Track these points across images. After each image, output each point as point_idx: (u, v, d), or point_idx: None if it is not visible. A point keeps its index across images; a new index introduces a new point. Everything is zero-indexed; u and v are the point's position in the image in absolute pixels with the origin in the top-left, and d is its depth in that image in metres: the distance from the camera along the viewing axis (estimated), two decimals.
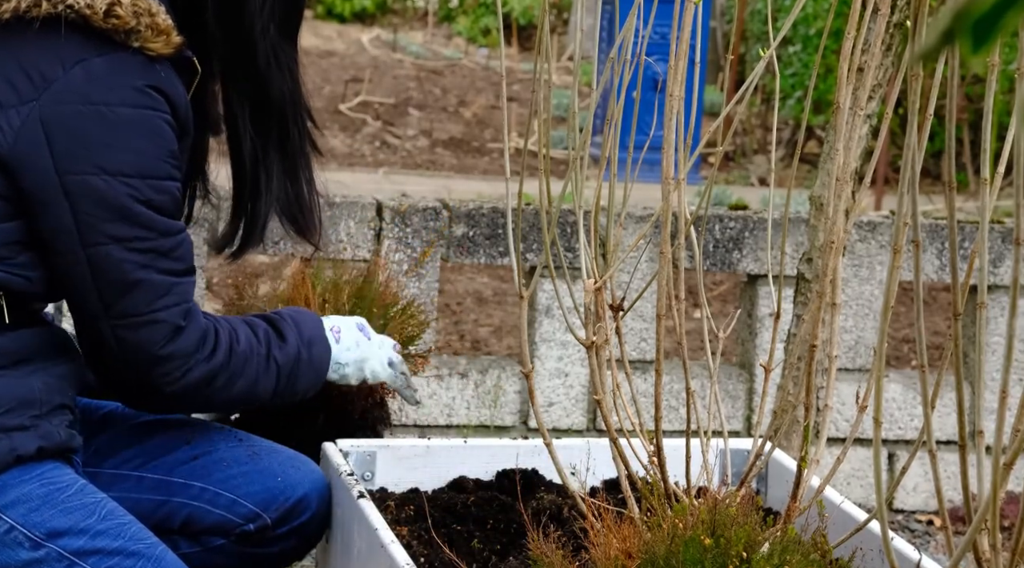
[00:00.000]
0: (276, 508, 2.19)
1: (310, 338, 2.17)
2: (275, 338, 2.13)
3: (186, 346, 1.99)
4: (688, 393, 1.94)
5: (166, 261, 1.95)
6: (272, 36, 2.05)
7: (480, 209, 3.70)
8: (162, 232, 1.94)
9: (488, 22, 13.97)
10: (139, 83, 1.90)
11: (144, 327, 1.95)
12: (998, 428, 1.41)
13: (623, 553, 1.73)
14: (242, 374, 2.07)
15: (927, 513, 3.98)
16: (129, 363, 1.98)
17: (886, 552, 1.46)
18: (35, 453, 1.95)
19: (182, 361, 1.99)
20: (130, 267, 1.92)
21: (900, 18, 2.72)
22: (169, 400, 2.04)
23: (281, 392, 2.14)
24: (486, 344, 5.03)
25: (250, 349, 2.08)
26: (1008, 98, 7.82)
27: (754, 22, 10.02)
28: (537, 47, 1.84)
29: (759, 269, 3.79)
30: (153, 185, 1.92)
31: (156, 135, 1.92)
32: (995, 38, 0.66)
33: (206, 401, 2.09)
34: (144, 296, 1.94)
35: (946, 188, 1.36)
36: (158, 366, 1.98)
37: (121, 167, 1.89)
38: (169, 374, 1.99)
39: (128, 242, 1.92)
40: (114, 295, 1.93)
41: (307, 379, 2.17)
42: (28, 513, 1.93)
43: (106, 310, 1.95)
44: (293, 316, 2.19)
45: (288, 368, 2.13)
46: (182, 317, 1.98)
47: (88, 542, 1.93)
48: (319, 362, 2.19)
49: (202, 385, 2.02)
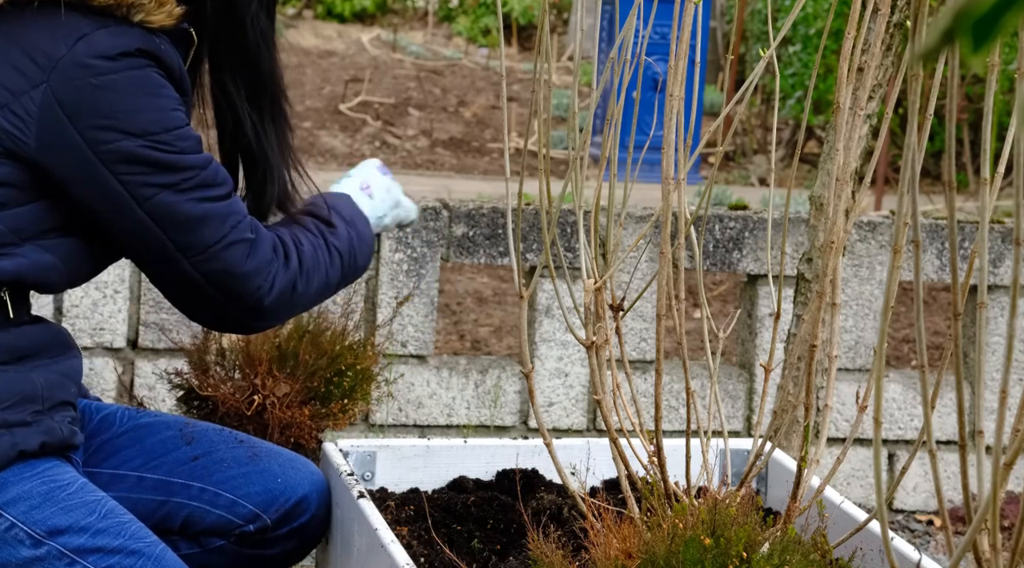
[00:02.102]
0: (276, 509, 2.19)
1: (351, 216, 2.26)
2: (324, 227, 2.21)
3: (265, 256, 2.06)
4: (688, 393, 1.94)
5: (215, 189, 2.01)
6: (260, 15, 2.11)
7: (480, 209, 3.70)
8: (201, 166, 2.00)
9: (488, 22, 13.97)
10: (135, 48, 1.95)
11: (223, 252, 2.02)
12: (998, 428, 1.41)
13: (623, 553, 1.73)
14: (315, 271, 2.15)
15: (927, 513, 3.98)
16: (224, 291, 2.04)
17: (886, 552, 1.46)
18: (38, 449, 1.96)
19: (267, 271, 2.06)
20: (190, 205, 1.99)
21: (900, 18, 2.72)
22: (270, 312, 2.10)
23: (347, 275, 2.23)
24: (486, 344, 5.03)
25: (313, 248, 2.16)
26: (1008, 98, 7.82)
27: (754, 22, 10.01)
28: (537, 47, 1.84)
29: (759, 269, 3.79)
30: (178, 134, 1.97)
31: (162, 88, 1.97)
32: (995, 38, 0.66)
33: (295, 304, 2.15)
34: (213, 225, 2.01)
35: (946, 188, 1.36)
36: (249, 282, 2.04)
37: (146, 127, 1.95)
38: (261, 286, 2.06)
39: (177, 185, 1.98)
40: (185, 235, 2.00)
41: (364, 254, 2.27)
42: (29, 511, 1.93)
43: (183, 252, 2.00)
44: (328, 202, 2.25)
45: (347, 251, 2.22)
46: (250, 230, 2.05)
47: (89, 540, 1.93)
48: (366, 235, 2.28)
49: (289, 290, 2.10)
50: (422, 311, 3.66)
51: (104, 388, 3.52)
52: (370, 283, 3.67)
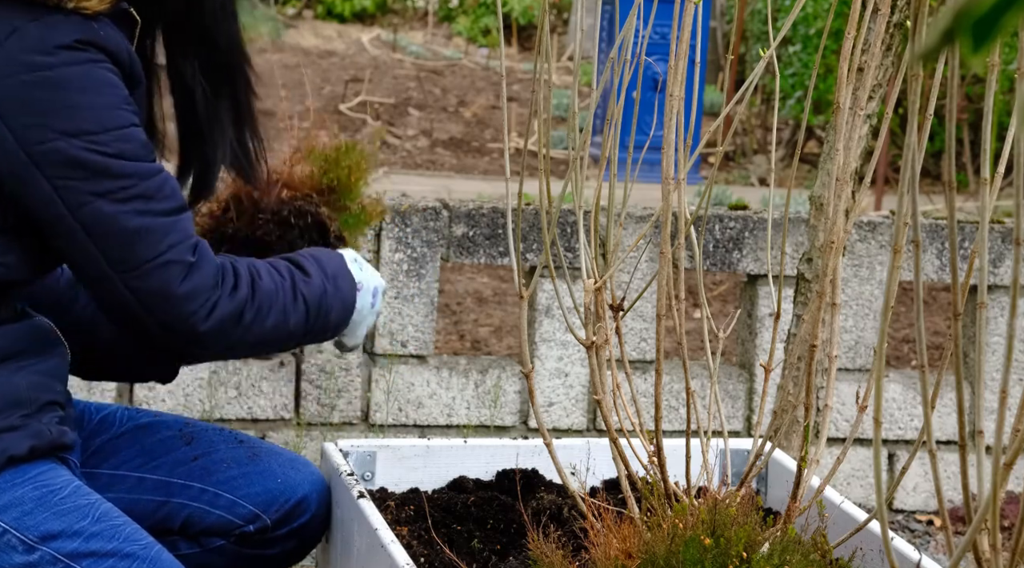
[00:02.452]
0: (276, 509, 2.18)
1: (334, 272, 2.16)
2: (299, 273, 2.11)
3: (204, 281, 1.95)
4: (688, 393, 1.94)
5: (157, 203, 1.91)
6: None
7: (480, 209, 3.70)
8: (143, 176, 1.90)
9: (488, 22, 13.97)
10: (72, 40, 1.86)
11: (157, 271, 1.92)
12: (998, 428, 1.41)
13: (623, 553, 1.73)
14: (271, 308, 2.04)
15: (927, 513, 3.98)
16: (154, 312, 1.94)
17: (886, 552, 1.45)
18: (27, 453, 1.93)
19: (205, 296, 1.95)
20: (125, 217, 1.89)
21: (900, 18, 2.72)
22: (206, 339, 1.99)
23: (314, 327, 2.11)
24: (486, 344, 5.03)
25: (274, 284, 2.05)
26: (1008, 98, 7.82)
27: (754, 22, 10.01)
28: (537, 47, 1.84)
29: (759, 269, 3.79)
30: (118, 135, 1.88)
31: (106, 85, 1.88)
32: (995, 38, 0.66)
33: (240, 340, 2.03)
34: (147, 242, 1.91)
35: (946, 188, 1.36)
36: (182, 306, 1.94)
37: (82, 126, 1.86)
38: (196, 312, 1.95)
39: (113, 194, 1.88)
40: (118, 250, 1.90)
41: (339, 313, 2.15)
42: (21, 516, 1.91)
43: (114, 267, 1.91)
44: (313, 253, 2.17)
45: (317, 302, 2.10)
46: (190, 252, 1.94)
47: (82, 544, 1.91)
48: (346, 294, 2.17)
49: (232, 321, 1.99)
50: (422, 311, 3.66)
51: (104, 388, 3.52)
52: None
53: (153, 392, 3.55)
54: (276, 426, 3.63)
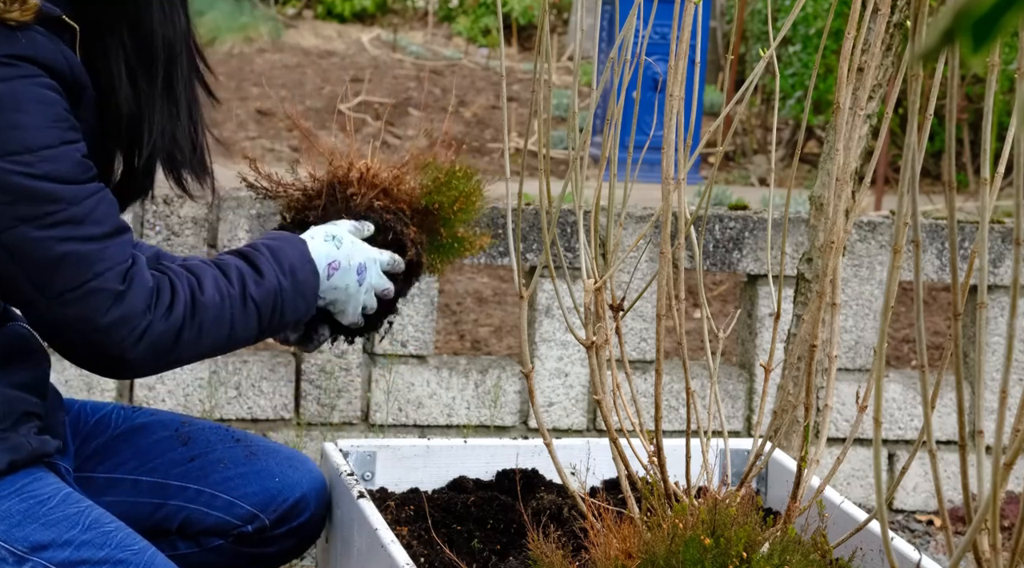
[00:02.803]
0: (274, 509, 2.18)
1: (291, 266, 2.06)
2: (251, 274, 2.02)
3: (133, 307, 1.88)
4: (688, 393, 1.94)
5: (85, 228, 1.85)
6: None
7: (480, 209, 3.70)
8: (71, 200, 1.83)
9: (488, 22, 13.97)
10: (3, 54, 1.80)
11: (81, 300, 1.85)
12: (998, 428, 1.41)
13: (623, 553, 1.73)
14: (215, 321, 1.97)
15: (927, 513, 3.98)
16: (81, 338, 1.88)
17: (886, 552, 1.45)
18: (7, 467, 1.91)
19: (134, 323, 1.88)
20: (49, 243, 1.82)
21: (900, 18, 2.72)
22: (137, 365, 1.93)
23: (268, 327, 2.05)
24: (486, 344, 5.03)
25: (219, 294, 1.97)
26: (1008, 98, 7.82)
27: (754, 22, 10.02)
28: (537, 47, 1.84)
29: (759, 269, 3.79)
30: (46, 156, 1.81)
31: (35, 103, 1.81)
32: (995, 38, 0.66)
33: (179, 357, 1.97)
34: (73, 269, 1.84)
35: (946, 188, 1.36)
36: (108, 334, 1.87)
37: (6, 146, 1.79)
38: (123, 340, 1.88)
39: (39, 219, 1.81)
40: (42, 275, 1.84)
41: (296, 308, 2.07)
42: (10, 529, 1.89)
43: (39, 292, 1.85)
44: (270, 245, 2.08)
45: (270, 303, 2.03)
46: (120, 280, 1.87)
47: (73, 553, 1.90)
48: (306, 287, 2.08)
49: (168, 342, 1.92)
50: (422, 311, 3.66)
51: (104, 388, 3.52)
52: None
53: (153, 392, 3.55)
54: (276, 426, 3.63)
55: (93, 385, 3.49)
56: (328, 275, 2.12)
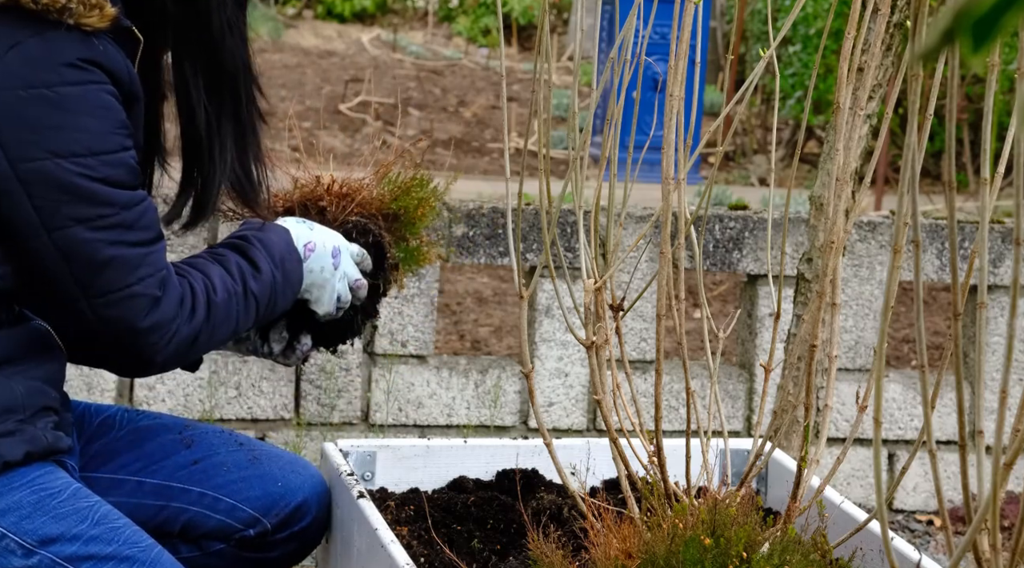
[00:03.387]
0: (276, 513, 2.18)
1: (281, 256, 2.13)
2: (249, 269, 2.09)
3: (167, 314, 1.96)
4: (688, 393, 1.94)
5: (134, 233, 1.92)
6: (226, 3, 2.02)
7: (480, 209, 3.70)
8: (124, 205, 1.90)
9: (488, 22, 13.97)
10: (75, 59, 1.85)
11: (124, 302, 1.92)
12: (998, 428, 1.41)
13: (623, 553, 1.73)
14: (225, 322, 2.05)
15: (927, 513, 3.98)
16: (117, 339, 1.95)
17: (886, 552, 1.45)
18: (22, 458, 1.92)
19: (166, 329, 1.96)
20: (100, 245, 1.89)
21: (900, 18, 2.72)
22: (163, 366, 2.02)
23: (262, 318, 2.12)
24: (486, 344, 5.03)
25: (228, 294, 2.05)
26: (1008, 98, 7.82)
27: (754, 22, 10.02)
28: (537, 47, 1.84)
29: (759, 269, 3.79)
30: (106, 160, 1.88)
31: (101, 108, 1.87)
32: (995, 38, 0.66)
33: (193, 354, 2.06)
34: (119, 272, 1.91)
35: (946, 188, 1.36)
36: (144, 338, 1.95)
37: (72, 148, 1.85)
38: (156, 343, 1.96)
39: (92, 221, 1.88)
40: (89, 275, 1.90)
41: (285, 298, 2.15)
42: (19, 521, 1.90)
43: (84, 291, 1.91)
44: (260, 238, 2.13)
45: (267, 296, 2.10)
46: (159, 287, 1.95)
47: (81, 548, 1.91)
48: (293, 276, 2.15)
49: (188, 345, 2.00)
50: (422, 311, 3.66)
51: (104, 388, 3.52)
52: None
53: (153, 392, 3.55)
54: (276, 426, 3.63)
55: (93, 385, 3.49)
56: (305, 256, 2.17)
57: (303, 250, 2.17)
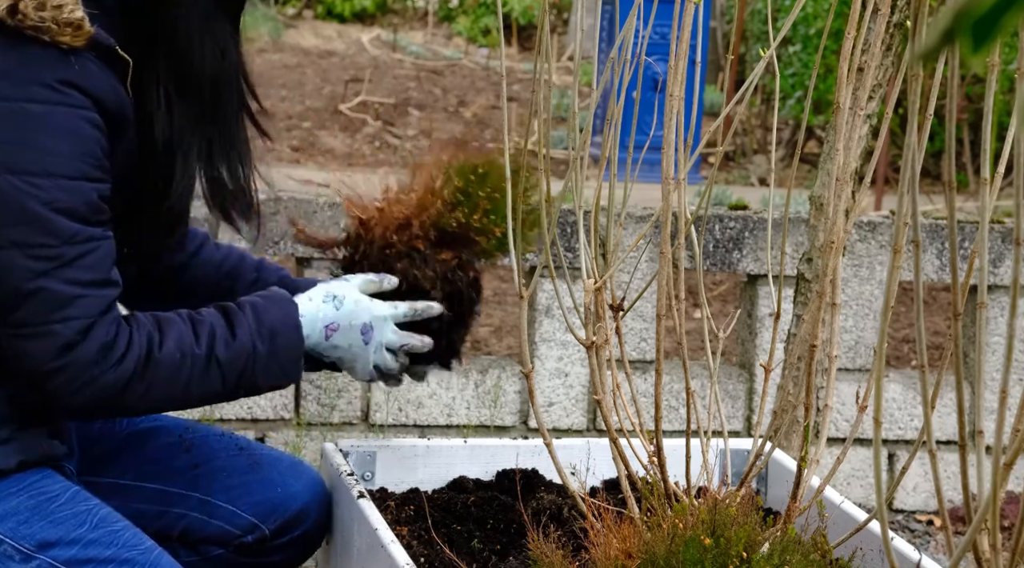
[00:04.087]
0: (275, 519, 2.17)
1: (272, 329, 2.00)
2: (223, 334, 1.97)
3: (81, 358, 1.85)
4: (688, 393, 1.94)
5: (70, 271, 1.82)
6: (201, 9, 1.92)
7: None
8: (67, 239, 1.81)
9: (488, 22, 13.97)
10: (50, 79, 1.80)
11: (35, 338, 1.83)
12: (998, 428, 1.41)
13: (623, 553, 1.73)
14: (168, 380, 1.92)
15: (927, 513, 3.98)
16: (24, 372, 1.87)
17: (886, 552, 1.45)
18: (16, 466, 1.92)
19: (77, 372, 1.85)
20: (27, 275, 1.81)
21: (900, 18, 2.72)
22: (75, 409, 1.91)
23: (237, 388, 1.99)
24: (486, 344, 5.03)
25: (179, 352, 1.92)
26: (1008, 98, 7.82)
27: (754, 22, 10.02)
28: (537, 47, 1.84)
29: (759, 269, 3.79)
30: (62, 185, 1.80)
31: (68, 132, 1.80)
32: (995, 38, 0.66)
33: (125, 408, 1.95)
34: (39, 307, 1.82)
35: (946, 188, 1.36)
36: (50, 379, 1.85)
37: (27, 166, 1.78)
38: (65, 385, 1.85)
39: (29, 248, 1.80)
40: (9, 303, 1.82)
41: (269, 372, 2.00)
42: (17, 526, 1.89)
43: (2, 314, 1.83)
44: (256, 305, 2.02)
45: (239, 365, 1.97)
46: (78, 330, 1.84)
47: (80, 551, 1.90)
48: (285, 351, 2.01)
49: (112, 393, 1.88)
50: None
51: None
52: None
53: None
54: (276, 426, 3.63)
55: None
56: (326, 335, 2.07)
57: (323, 331, 2.07)
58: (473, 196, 2.16)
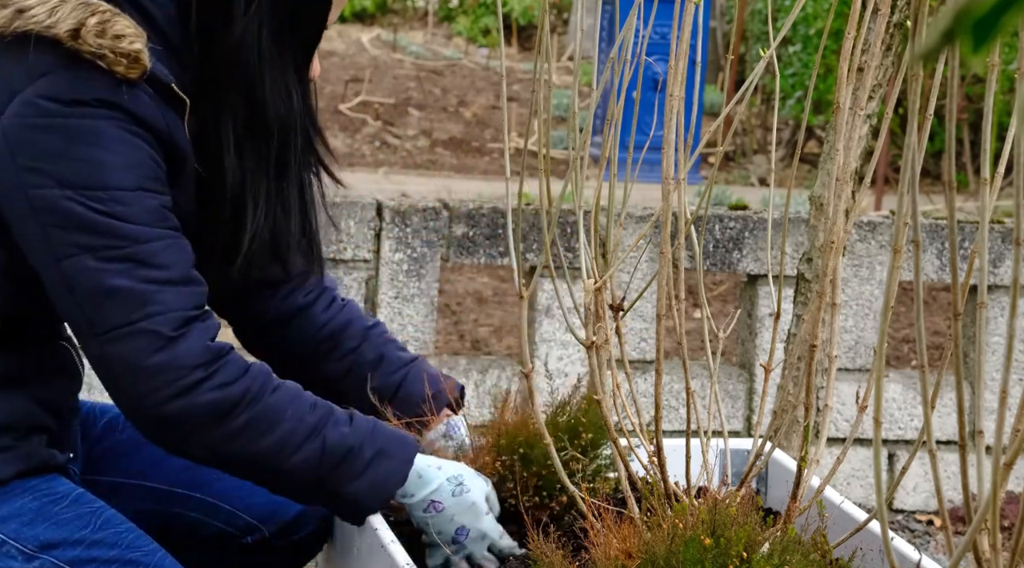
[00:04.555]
0: (275, 522, 2.17)
1: (382, 448, 1.93)
2: (340, 419, 1.91)
3: (183, 357, 1.80)
4: (688, 393, 1.94)
5: (146, 269, 1.81)
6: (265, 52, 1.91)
7: (480, 209, 3.70)
8: (136, 239, 1.80)
9: (488, 22, 13.97)
10: (92, 98, 1.81)
11: (127, 339, 1.79)
12: (998, 428, 1.41)
13: (623, 553, 1.73)
14: (270, 428, 1.85)
15: (927, 513, 3.99)
16: (119, 382, 1.83)
17: (886, 552, 1.45)
18: (14, 475, 1.92)
19: (178, 373, 1.80)
20: (104, 275, 1.79)
21: (900, 18, 2.72)
22: (173, 426, 1.83)
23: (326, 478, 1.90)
24: (486, 344, 5.03)
25: (290, 407, 1.86)
26: (1008, 98, 7.82)
27: (754, 22, 10.02)
28: (537, 47, 1.84)
29: (759, 269, 3.79)
30: (117, 197, 1.80)
31: (117, 142, 1.81)
32: (995, 38, 0.66)
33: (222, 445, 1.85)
34: (123, 305, 1.79)
35: (946, 188, 1.35)
36: (146, 380, 1.80)
37: (79, 179, 1.79)
38: (160, 389, 1.80)
39: (98, 251, 1.79)
40: (93, 307, 1.80)
41: (360, 483, 1.92)
42: (20, 527, 1.89)
43: (90, 325, 1.81)
44: (378, 424, 1.97)
45: (338, 454, 1.89)
46: (172, 326, 1.80)
47: (83, 552, 1.90)
48: (383, 477, 1.93)
49: (210, 416, 1.82)
50: (422, 311, 3.66)
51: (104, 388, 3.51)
52: (370, 283, 3.66)
53: None
54: None
55: (94, 384, 3.48)
56: (425, 508, 1.99)
57: (427, 504, 1.98)
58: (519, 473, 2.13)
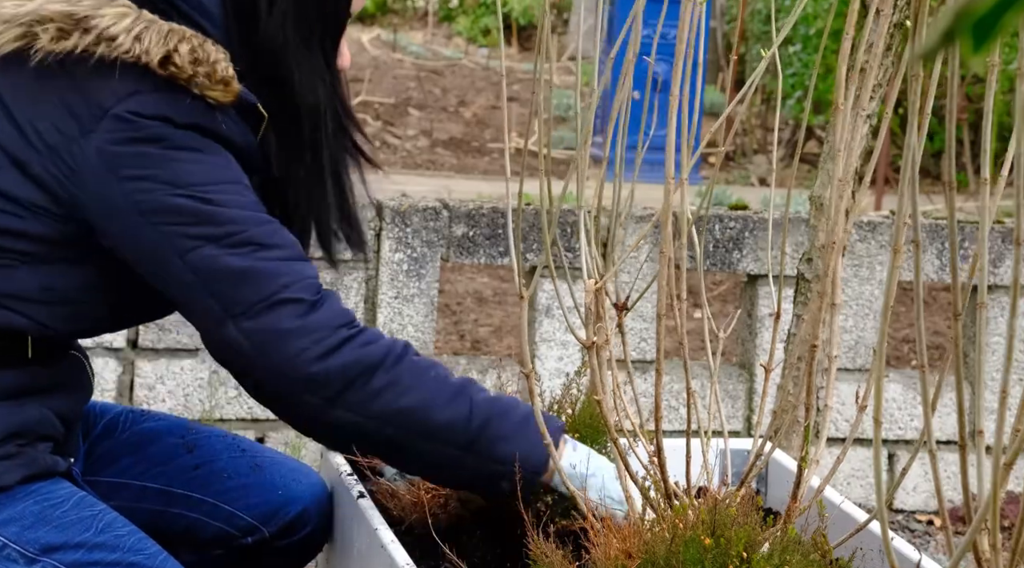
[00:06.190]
0: (275, 522, 2.17)
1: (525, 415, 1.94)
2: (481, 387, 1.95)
3: (326, 318, 1.85)
4: (688, 393, 1.94)
5: (266, 250, 1.86)
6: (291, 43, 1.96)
7: (480, 209, 3.70)
8: (252, 223, 1.86)
9: (488, 22, 13.97)
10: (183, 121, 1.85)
11: (268, 311, 1.84)
12: (998, 428, 1.41)
13: (623, 553, 1.73)
14: (413, 386, 1.88)
15: (927, 513, 3.98)
16: (266, 354, 1.85)
17: (886, 552, 1.46)
18: (19, 480, 1.93)
19: (321, 334, 1.84)
20: (234, 259, 1.84)
21: (900, 18, 2.72)
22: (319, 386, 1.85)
23: (477, 435, 1.91)
24: (486, 344, 5.03)
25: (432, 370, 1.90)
26: (1008, 98, 7.82)
27: (754, 22, 10.01)
28: (537, 47, 1.84)
29: (759, 269, 3.79)
30: (223, 188, 1.86)
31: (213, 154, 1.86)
32: (995, 38, 0.66)
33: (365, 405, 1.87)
34: (257, 283, 1.85)
35: (946, 188, 1.36)
36: (291, 342, 1.84)
37: (188, 178, 1.84)
38: (307, 349, 1.83)
39: (220, 239, 1.85)
40: (228, 291, 1.85)
41: (513, 444, 1.92)
42: (22, 530, 1.90)
43: (226, 310, 1.85)
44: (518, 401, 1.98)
45: (485, 412, 1.92)
46: (310, 292, 1.86)
47: (85, 555, 1.90)
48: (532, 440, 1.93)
49: (358, 372, 1.86)
50: (422, 311, 3.66)
51: (104, 388, 3.52)
52: (370, 283, 3.66)
53: (153, 392, 3.55)
54: (276, 426, 3.63)
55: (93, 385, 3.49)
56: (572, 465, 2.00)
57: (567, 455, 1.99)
58: None
